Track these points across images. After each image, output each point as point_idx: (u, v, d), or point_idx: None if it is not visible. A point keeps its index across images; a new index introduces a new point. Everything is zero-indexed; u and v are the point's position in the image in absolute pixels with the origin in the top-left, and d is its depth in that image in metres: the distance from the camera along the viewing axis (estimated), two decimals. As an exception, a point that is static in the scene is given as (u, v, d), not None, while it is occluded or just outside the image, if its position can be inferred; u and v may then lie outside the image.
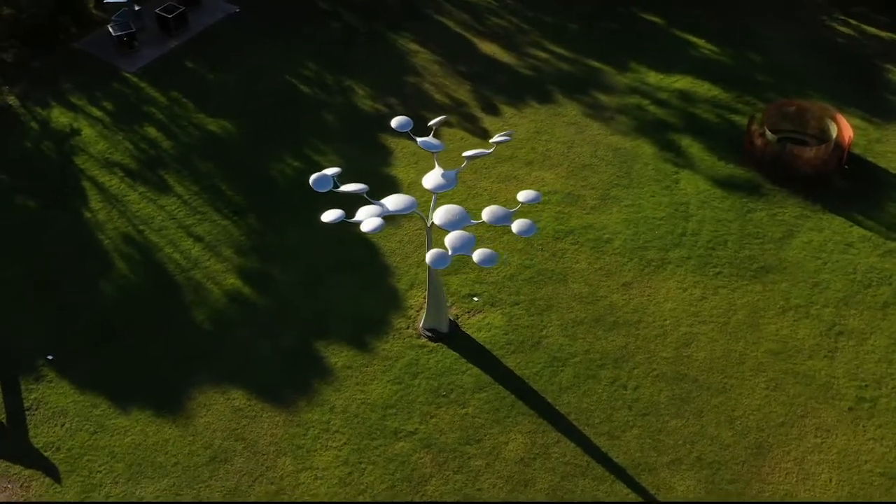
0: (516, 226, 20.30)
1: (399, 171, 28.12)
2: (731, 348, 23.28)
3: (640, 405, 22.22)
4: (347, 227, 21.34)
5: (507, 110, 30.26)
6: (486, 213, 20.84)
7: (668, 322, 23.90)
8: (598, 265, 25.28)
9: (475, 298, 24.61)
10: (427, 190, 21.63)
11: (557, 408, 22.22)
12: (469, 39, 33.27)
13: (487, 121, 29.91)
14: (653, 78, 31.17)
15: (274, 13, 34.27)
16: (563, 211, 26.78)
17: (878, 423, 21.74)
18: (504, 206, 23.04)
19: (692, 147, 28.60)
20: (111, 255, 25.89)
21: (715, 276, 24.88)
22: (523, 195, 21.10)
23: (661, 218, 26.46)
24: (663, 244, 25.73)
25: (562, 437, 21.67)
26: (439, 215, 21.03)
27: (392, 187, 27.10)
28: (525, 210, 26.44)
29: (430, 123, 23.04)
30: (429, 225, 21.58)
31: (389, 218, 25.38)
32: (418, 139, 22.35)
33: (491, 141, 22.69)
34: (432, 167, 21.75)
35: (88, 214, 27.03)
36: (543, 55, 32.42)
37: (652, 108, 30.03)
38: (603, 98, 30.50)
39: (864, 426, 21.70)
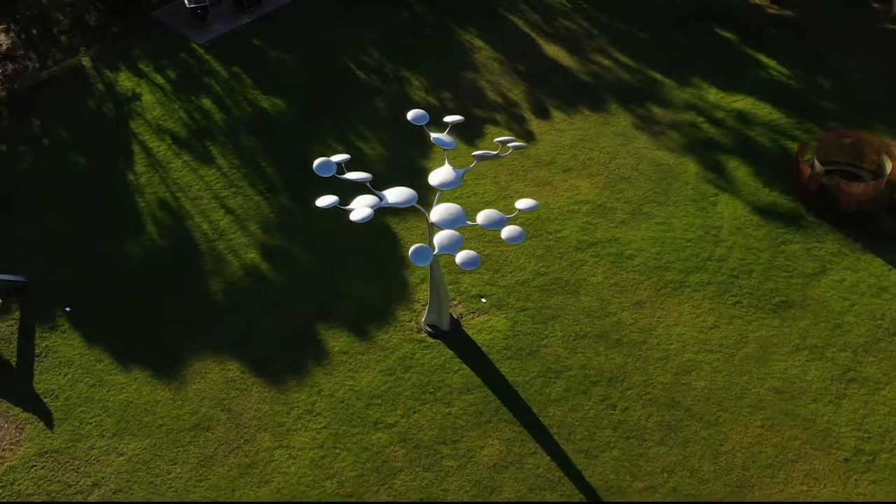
0: (505, 232, 20.12)
1: (435, 164, 28.11)
2: (734, 381, 22.46)
3: (626, 427, 21.70)
4: (373, 215, 20.92)
5: (557, 114, 29.87)
6: (482, 217, 20.74)
7: (673, 346, 23.24)
8: (614, 280, 24.76)
9: (483, 299, 24.47)
10: (433, 186, 21.71)
11: (541, 419, 21.92)
12: (535, 40, 32.97)
13: (535, 123, 29.61)
14: (713, 95, 30.22)
15: (348, -2, 34.81)
16: (590, 222, 26.30)
17: (873, 478, 20.62)
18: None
19: (738, 170, 27.63)
20: (144, 218, 26.86)
21: (732, 306, 24.02)
22: (521, 203, 20.93)
23: (690, 240, 25.69)
24: (686, 266, 24.99)
25: (539, 448, 21.38)
26: (437, 213, 21.03)
27: (424, 179, 27.11)
28: (552, 217, 26.26)
29: (445, 119, 23.00)
30: (430, 222, 21.58)
31: (407, 210, 25.62)
32: (432, 135, 22.37)
33: (496, 140, 22.51)
34: (469, 163, 21.68)
35: (132, 177, 28.10)
36: (606, 62, 31.84)
37: (705, 126, 29.13)
38: (657, 111, 29.76)
39: (856, 480, 20.63)
